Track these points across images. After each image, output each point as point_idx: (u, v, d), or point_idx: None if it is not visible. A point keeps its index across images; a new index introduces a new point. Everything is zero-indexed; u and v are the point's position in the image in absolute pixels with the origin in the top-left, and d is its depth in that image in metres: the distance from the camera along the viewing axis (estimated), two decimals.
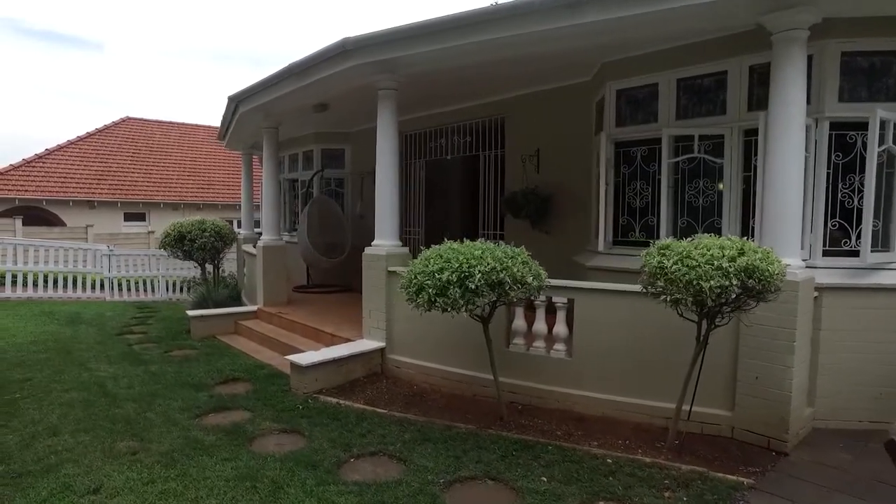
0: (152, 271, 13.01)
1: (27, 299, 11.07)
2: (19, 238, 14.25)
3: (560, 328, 4.76)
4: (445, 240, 4.44)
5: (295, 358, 5.23)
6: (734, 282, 3.28)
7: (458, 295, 3.95)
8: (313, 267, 9.74)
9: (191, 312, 7.72)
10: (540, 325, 4.86)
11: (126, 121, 24.44)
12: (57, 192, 19.21)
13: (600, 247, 5.85)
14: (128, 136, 23.50)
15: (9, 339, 7.24)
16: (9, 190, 18.34)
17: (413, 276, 4.22)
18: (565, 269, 5.96)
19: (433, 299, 4.02)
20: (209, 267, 9.94)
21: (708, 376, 3.94)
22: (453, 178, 10.63)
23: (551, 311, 4.83)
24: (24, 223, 16.14)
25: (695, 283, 3.30)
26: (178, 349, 7.01)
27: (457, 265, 4.00)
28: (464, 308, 4.01)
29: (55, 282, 11.58)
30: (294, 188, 11.56)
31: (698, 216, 5.26)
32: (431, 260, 4.18)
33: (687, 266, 3.36)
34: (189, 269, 13.22)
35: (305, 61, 6.10)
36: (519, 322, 4.89)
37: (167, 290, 13.04)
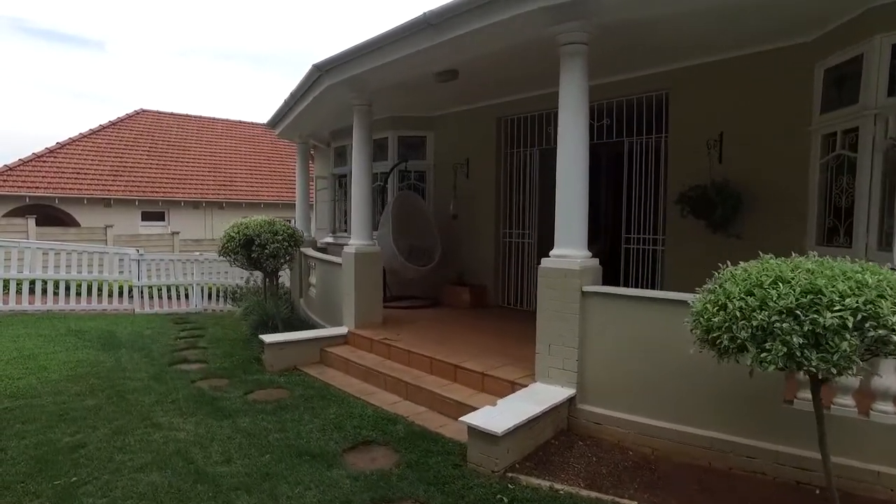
0: (187, 278, 11.34)
1: (47, 312, 9.40)
2: (34, 240, 12.57)
3: None
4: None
5: (478, 421, 3.58)
6: None
7: (848, 348, 2.33)
8: (397, 276, 8.10)
9: (267, 339, 6.06)
10: (892, 379, 3.22)
11: (141, 114, 22.76)
12: (70, 188, 17.51)
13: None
14: (143, 129, 21.81)
15: (40, 375, 5.57)
16: (18, 186, 16.64)
17: (736, 312, 2.58)
18: None
19: (793, 353, 2.40)
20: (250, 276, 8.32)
21: None
22: (595, 166, 8.96)
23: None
24: (38, 223, 14.46)
25: None
26: (260, 388, 5.36)
27: (836, 298, 2.38)
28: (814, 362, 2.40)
29: (77, 291, 9.91)
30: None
31: None
32: (769, 288, 2.54)
33: None
34: (224, 276, 11.61)
35: (453, 7, 4.47)
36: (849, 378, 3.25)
37: (202, 298, 11.38)
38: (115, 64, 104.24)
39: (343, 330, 6.45)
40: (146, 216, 19.04)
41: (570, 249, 4.24)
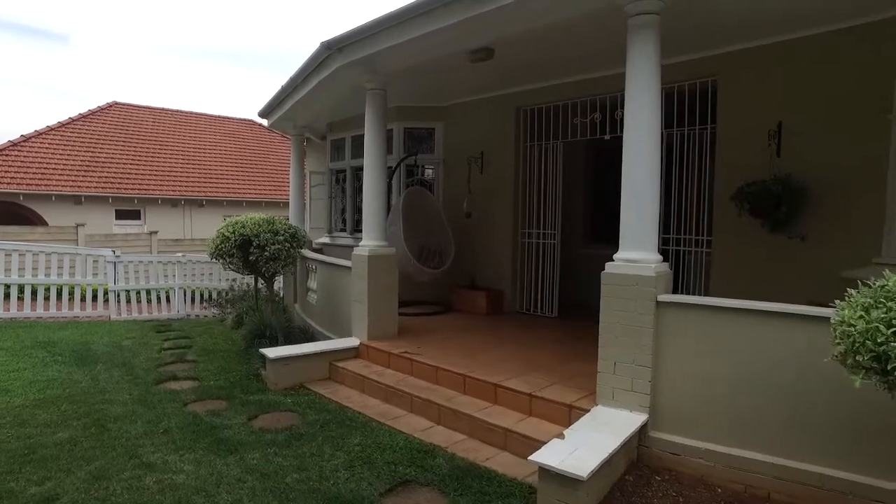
0: (167, 281, 10.46)
1: (10, 320, 8.46)
2: None
3: None
4: None
5: (553, 461, 2.92)
6: None
7: None
8: (408, 280, 7.39)
9: (270, 353, 5.33)
10: None
11: (113, 106, 21.54)
12: (36, 184, 16.33)
13: None
14: (116, 122, 20.62)
15: (1, 400, 4.74)
16: None
17: None
18: (839, 289, 3.92)
19: None
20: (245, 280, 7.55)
21: None
22: (600, 164, 8.41)
23: None
24: (1, 222, 13.33)
25: None
26: (264, 411, 4.63)
27: None
28: None
29: (45, 296, 8.97)
30: (359, 178, 9.18)
31: None
32: None
33: None
34: (208, 279, 10.77)
35: None
36: None
37: (185, 303, 10.51)
38: (82, 60, 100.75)
39: (354, 342, 5.75)
40: (121, 214, 17.94)
41: (641, 252, 3.63)
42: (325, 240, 9.93)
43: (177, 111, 23.52)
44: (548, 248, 7.17)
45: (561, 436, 3.29)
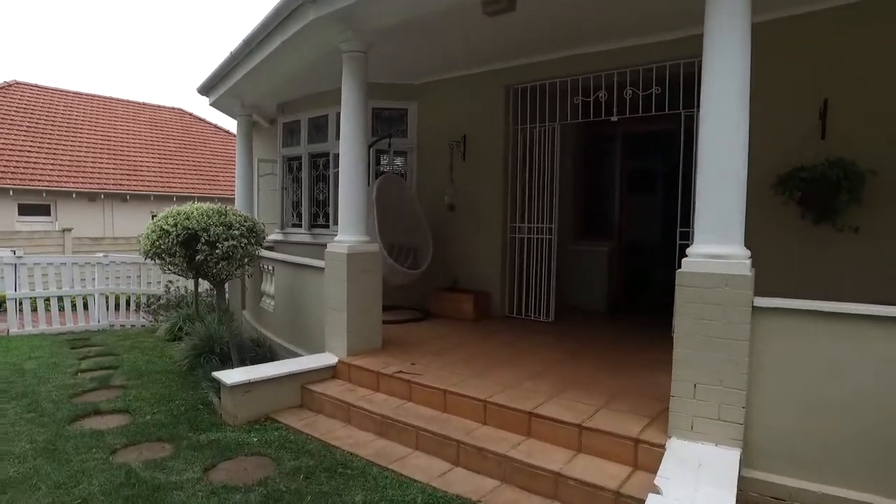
0: (85, 286, 8.85)
1: None
2: None
3: None
4: None
5: None
6: None
7: None
8: (383, 282, 6.39)
9: (226, 377, 4.20)
10: None
11: (14, 86, 18.82)
12: None
13: None
14: (19, 105, 18.02)
15: None
16: None
17: None
18: None
19: None
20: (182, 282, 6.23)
21: None
22: (589, 153, 7.71)
23: None
24: None
25: None
26: (225, 457, 3.54)
27: None
28: None
29: None
30: (316, 166, 8.07)
31: None
32: None
33: None
34: (136, 282, 9.26)
35: None
36: None
37: (108, 311, 8.94)
38: None
39: (330, 359, 4.70)
40: (25, 209, 15.59)
41: (727, 245, 2.88)
42: (277, 236, 8.71)
43: (95, 96, 20.99)
44: (542, 244, 6.39)
45: (656, 490, 2.47)
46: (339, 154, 7.42)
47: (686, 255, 3.02)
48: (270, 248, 7.88)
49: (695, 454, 2.82)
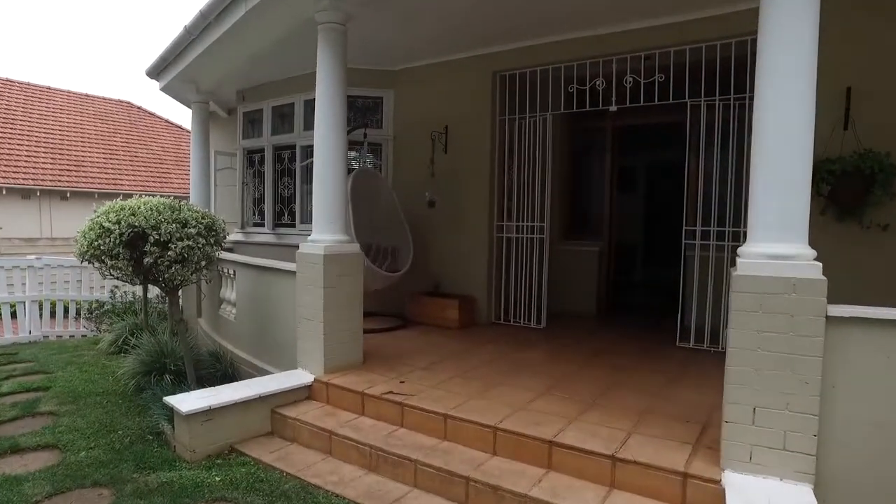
0: (13, 292, 7.83)
1: None
2: None
3: None
4: None
5: None
6: None
7: None
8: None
9: (181, 404, 3.51)
10: None
11: None
12: None
13: None
14: None
15: None
16: None
17: None
18: None
19: None
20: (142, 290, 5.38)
21: None
22: (576, 147, 7.27)
23: None
24: None
25: None
26: None
27: None
28: None
29: None
30: (281, 160, 7.35)
31: None
32: None
33: None
34: (76, 287, 8.30)
35: None
36: None
37: (41, 320, 7.95)
38: None
39: (305, 377, 4.07)
40: None
41: (791, 244, 2.44)
42: (238, 236, 7.95)
43: (29, 84, 19.35)
44: (533, 244, 5.92)
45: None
46: (306, 146, 6.84)
47: (738, 256, 2.58)
48: (230, 250, 7.12)
49: (760, 493, 2.36)
